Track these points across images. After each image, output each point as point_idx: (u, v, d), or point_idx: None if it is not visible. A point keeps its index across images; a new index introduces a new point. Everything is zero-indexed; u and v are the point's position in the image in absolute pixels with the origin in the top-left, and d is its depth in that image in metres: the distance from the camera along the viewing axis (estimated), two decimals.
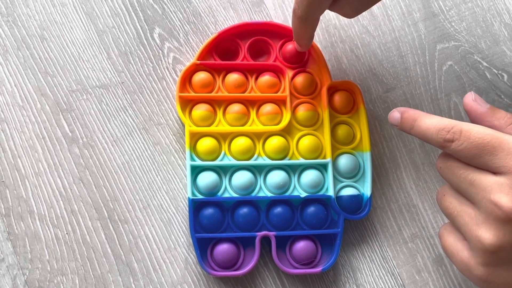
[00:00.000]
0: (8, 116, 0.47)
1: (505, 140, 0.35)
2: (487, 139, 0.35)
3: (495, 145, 0.35)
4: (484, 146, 0.35)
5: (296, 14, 0.43)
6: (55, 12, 0.49)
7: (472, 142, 0.35)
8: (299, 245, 0.46)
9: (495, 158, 0.35)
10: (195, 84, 0.47)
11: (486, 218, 0.35)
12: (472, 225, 0.36)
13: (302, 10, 0.42)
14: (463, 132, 0.36)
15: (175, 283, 0.46)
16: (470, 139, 0.35)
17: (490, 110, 0.38)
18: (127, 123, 0.48)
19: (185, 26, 0.50)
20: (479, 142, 0.35)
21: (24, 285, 0.44)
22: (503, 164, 0.34)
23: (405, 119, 0.40)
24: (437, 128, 0.37)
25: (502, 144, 0.35)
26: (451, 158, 0.38)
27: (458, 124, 0.36)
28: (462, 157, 0.36)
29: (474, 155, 0.35)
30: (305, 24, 0.43)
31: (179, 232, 0.46)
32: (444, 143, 0.36)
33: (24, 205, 0.45)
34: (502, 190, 0.34)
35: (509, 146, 0.35)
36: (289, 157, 0.47)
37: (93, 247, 0.45)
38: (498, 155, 0.35)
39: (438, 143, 0.37)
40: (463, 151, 0.36)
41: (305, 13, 0.42)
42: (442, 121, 0.37)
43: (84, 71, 0.48)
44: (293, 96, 0.49)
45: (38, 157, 0.46)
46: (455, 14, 0.53)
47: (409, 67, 0.52)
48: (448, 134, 0.36)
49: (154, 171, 0.47)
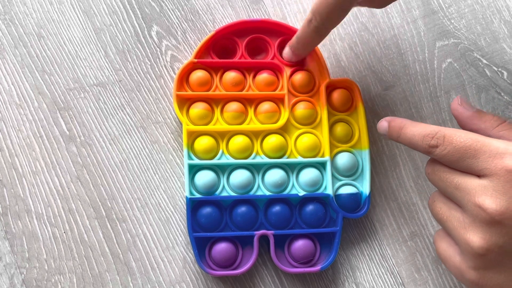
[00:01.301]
0: (5, 114, 0.46)
1: (486, 143, 0.35)
2: (469, 142, 0.36)
3: (476, 148, 0.35)
4: (466, 149, 0.36)
5: (311, 26, 0.43)
6: (52, 10, 0.49)
7: (455, 146, 0.36)
8: (298, 244, 0.46)
9: (478, 161, 0.35)
10: (193, 82, 0.47)
11: (473, 221, 0.35)
12: (460, 229, 0.36)
13: (319, 22, 0.42)
14: (446, 137, 0.37)
15: (173, 282, 0.45)
16: (453, 143, 0.36)
17: (476, 113, 0.39)
18: (125, 121, 0.47)
19: (183, 24, 0.50)
20: (462, 145, 0.36)
21: (21, 284, 0.44)
22: (485, 166, 0.35)
23: (392, 127, 0.42)
24: (422, 135, 0.38)
25: (483, 147, 0.35)
26: (438, 163, 0.39)
27: (442, 129, 0.37)
28: (446, 162, 0.37)
29: (458, 159, 0.36)
30: (319, 35, 0.44)
31: (177, 231, 0.46)
32: (429, 148, 0.38)
33: (21, 204, 0.45)
34: (486, 193, 0.35)
35: (490, 149, 0.35)
36: (287, 155, 0.47)
37: (91, 246, 0.45)
38: (480, 158, 0.35)
39: (424, 149, 0.38)
40: (447, 156, 0.37)
41: (322, 25, 0.42)
42: (427, 128, 0.38)
43: (81, 69, 0.48)
44: (291, 94, 0.48)
45: (35, 156, 0.46)
46: (454, 11, 0.53)
47: (409, 65, 0.52)
48: (433, 140, 0.37)
49: (152, 170, 0.47)
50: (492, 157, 0.35)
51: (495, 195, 0.34)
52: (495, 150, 0.35)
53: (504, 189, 0.34)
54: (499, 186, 0.34)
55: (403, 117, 0.50)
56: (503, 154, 0.35)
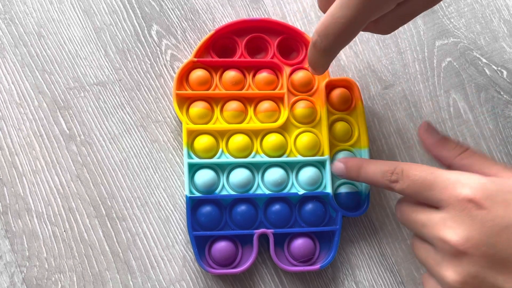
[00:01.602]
0: (5, 113, 0.47)
1: (439, 175, 0.36)
2: (424, 175, 0.37)
3: (431, 180, 0.36)
4: (422, 182, 0.36)
5: (317, 47, 0.39)
6: (52, 9, 0.49)
7: (412, 180, 0.37)
8: (297, 242, 0.46)
9: (434, 193, 0.36)
10: (192, 81, 0.47)
11: (443, 257, 0.35)
12: (435, 267, 0.36)
13: (326, 44, 0.38)
14: (404, 171, 0.38)
15: (173, 280, 0.46)
16: (410, 177, 0.37)
17: (440, 141, 0.40)
18: (125, 120, 0.48)
19: (182, 23, 0.50)
20: (417, 179, 0.37)
21: (22, 283, 0.44)
22: (441, 198, 0.36)
23: (350, 168, 0.43)
24: (382, 171, 0.39)
25: (437, 178, 0.36)
26: (404, 205, 0.39)
27: (400, 164, 0.38)
28: (408, 195, 0.38)
29: (417, 192, 0.37)
30: (327, 56, 0.40)
31: (177, 230, 0.46)
32: (390, 184, 0.38)
33: (21, 203, 0.45)
34: (446, 225, 0.35)
35: (443, 180, 0.36)
36: (287, 154, 0.47)
37: (91, 244, 0.45)
38: (436, 190, 0.36)
39: (385, 185, 0.39)
40: (407, 190, 0.37)
41: (329, 47, 0.39)
42: (385, 164, 0.40)
43: (81, 69, 0.48)
44: (290, 93, 0.49)
45: (35, 155, 0.46)
46: (454, 11, 0.53)
47: (408, 64, 0.52)
48: (392, 175, 0.38)
49: (152, 169, 0.47)
50: (445, 188, 0.35)
51: (454, 226, 0.35)
52: (447, 181, 0.36)
53: (461, 219, 0.35)
54: (456, 216, 0.35)
55: (403, 116, 0.51)
56: (454, 184, 0.35)
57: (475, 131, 0.51)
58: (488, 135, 0.51)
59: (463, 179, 0.35)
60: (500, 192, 0.35)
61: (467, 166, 0.38)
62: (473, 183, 0.35)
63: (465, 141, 0.51)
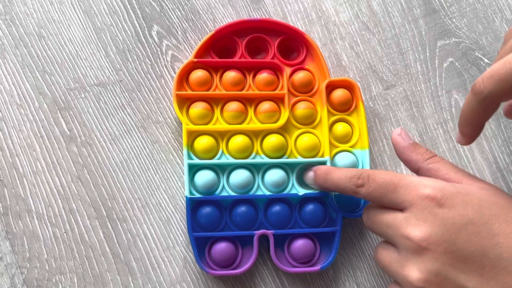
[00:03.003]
0: (6, 114, 0.47)
1: (403, 177, 0.38)
2: (388, 178, 0.38)
3: (395, 182, 0.38)
4: (387, 185, 0.38)
5: (475, 90, 0.36)
6: (52, 10, 0.49)
7: (378, 183, 0.38)
8: (298, 243, 0.46)
9: (398, 194, 0.37)
10: (193, 82, 0.47)
11: (405, 256, 0.36)
12: (398, 268, 0.37)
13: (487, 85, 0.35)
14: (370, 176, 0.39)
15: (173, 282, 0.45)
16: (375, 181, 0.39)
17: (411, 145, 0.41)
18: (125, 121, 0.48)
19: (183, 23, 0.50)
20: (383, 182, 0.38)
21: (22, 284, 0.44)
22: (405, 198, 0.37)
23: (317, 175, 0.45)
24: (348, 177, 0.41)
25: (401, 181, 0.38)
26: (370, 209, 0.41)
27: (365, 171, 0.40)
28: (373, 199, 0.39)
29: (381, 194, 0.38)
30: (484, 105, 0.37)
31: (178, 231, 0.46)
32: (356, 188, 0.40)
33: (22, 204, 0.45)
34: (409, 223, 0.36)
35: (406, 182, 0.37)
36: (287, 155, 0.47)
37: (92, 246, 0.45)
38: (399, 192, 0.37)
39: (351, 189, 0.40)
40: (372, 193, 0.39)
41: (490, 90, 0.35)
42: (351, 171, 0.41)
43: (82, 69, 0.48)
44: (291, 93, 0.48)
45: (36, 156, 0.46)
46: (456, 10, 0.53)
47: (410, 64, 0.52)
48: (359, 180, 0.40)
49: (152, 170, 0.47)
50: (409, 189, 0.37)
51: (417, 223, 0.36)
52: (410, 184, 0.37)
53: (424, 216, 0.36)
54: (419, 214, 0.36)
55: (405, 116, 0.50)
56: (417, 185, 0.37)
57: None
58: (490, 136, 0.51)
59: (425, 181, 0.37)
60: (459, 194, 0.36)
61: (434, 170, 0.40)
62: (434, 184, 0.37)
63: None
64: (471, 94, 0.37)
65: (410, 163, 0.41)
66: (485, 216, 0.35)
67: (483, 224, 0.35)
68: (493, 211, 0.36)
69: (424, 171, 0.40)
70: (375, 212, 0.40)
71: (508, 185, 0.50)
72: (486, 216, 0.35)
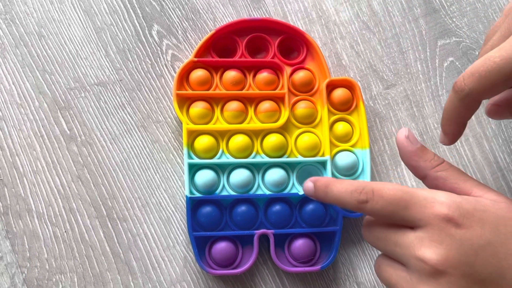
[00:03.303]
0: (6, 114, 0.47)
1: (416, 194, 0.35)
2: (399, 194, 0.35)
3: (407, 199, 0.35)
4: (398, 202, 0.35)
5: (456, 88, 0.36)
6: (53, 9, 0.49)
7: (386, 200, 0.35)
8: (298, 243, 0.46)
9: (410, 212, 0.35)
10: (193, 81, 0.47)
11: (419, 277, 0.34)
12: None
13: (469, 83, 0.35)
14: (375, 191, 0.36)
15: (174, 281, 0.45)
16: (383, 197, 0.35)
17: (419, 150, 0.38)
18: (126, 120, 0.48)
19: (183, 23, 0.50)
20: (393, 198, 0.35)
21: (22, 283, 0.44)
22: (419, 217, 0.34)
23: (317, 187, 0.41)
24: (349, 191, 0.37)
25: (413, 197, 0.35)
26: (373, 223, 0.38)
27: (369, 184, 0.37)
28: (381, 217, 0.37)
29: (391, 212, 0.35)
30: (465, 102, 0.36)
31: (178, 230, 0.46)
32: (359, 204, 0.36)
33: (22, 203, 0.45)
34: (424, 244, 0.34)
35: (420, 199, 0.35)
36: (288, 154, 0.47)
37: (92, 245, 0.45)
38: (412, 209, 0.35)
39: (354, 205, 0.37)
40: (380, 210, 0.36)
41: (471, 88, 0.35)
42: (353, 183, 0.38)
43: (82, 69, 0.48)
44: (291, 93, 0.48)
45: (36, 155, 0.46)
46: (456, 10, 0.53)
47: (410, 63, 0.52)
48: (361, 195, 0.36)
49: (152, 169, 0.47)
50: (423, 207, 0.35)
51: (433, 245, 0.34)
52: (424, 200, 0.35)
53: (440, 238, 0.34)
54: (435, 235, 0.34)
55: (405, 116, 0.50)
56: (432, 203, 0.35)
57: (478, 131, 0.51)
58: (491, 135, 0.51)
59: (439, 197, 0.35)
60: (475, 211, 0.34)
61: (442, 178, 0.38)
62: (450, 202, 0.34)
63: (467, 141, 0.51)
64: (452, 92, 0.37)
65: (417, 169, 0.39)
66: (501, 235, 0.34)
67: (501, 244, 0.34)
68: (509, 229, 0.34)
69: (431, 179, 0.38)
70: (380, 228, 0.37)
71: (508, 184, 0.50)
72: (503, 235, 0.34)
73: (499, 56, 0.34)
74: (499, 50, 0.34)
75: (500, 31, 0.37)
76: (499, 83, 0.34)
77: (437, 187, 0.38)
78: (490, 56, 0.34)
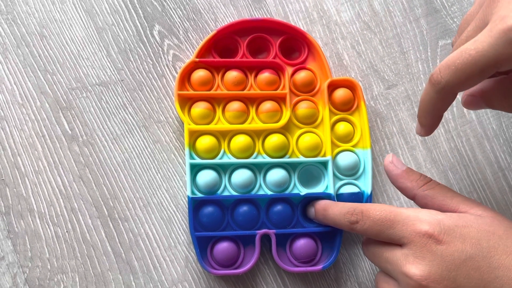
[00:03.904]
0: (7, 114, 0.47)
1: (400, 213, 0.37)
2: (384, 214, 0.38)
3: (391, 218, 0.37)
4: (383, 221, 0.38)
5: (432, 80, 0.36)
6: (54, 9, 0.49)
7: (373, 220, 0.38)
8: (300, 243, 0.46)
9: (395, 230, 0.37)
10: (194, 82, 0.47)
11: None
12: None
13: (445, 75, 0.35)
14: (363, 212, 0.39)
15: (175, 281, 0.46)
16: (370, 217, 0.38)
17: (405, 172, 0.41)
18: (127, 121, 0.48)
19: (184, 23, 0.50)
20: (378, 218, 0.38)
21: (24, 283, 0.44)
22: (402, 235, 0.37)
23: (317, 211, 0.45)
24: (342, 213, 0.40)
25: (397, 216, 0.37)
26: (370, 240, 0.40)
27: (359, 206, 0.40)
28: (370, 235, 0.39)
29: (378, 231, 0.38)
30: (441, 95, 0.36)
31: (180, 230, 0.46)
32: (351, 225, 0.40)
33: (24, 203, 0.45)
34: (408, 261, 0.36)
35: (403, 217, 0.37)
36: (289, 155, 0.47)
37: (93, 245, 0.45)
38: (397, 228, 0.37)
39: (347, 226, 0.40)
40: (368, 230, 0.38)
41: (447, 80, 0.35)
42: (345, 206, 0.41)
43: (83, 69, 0.48)
44: (292, 93, 0.48)
45: (38, 155, 0.46)
46: (457, 10, 0.53)
47: (411, 64, 0.52)
48: (352, 217, 0.39)
49: (154, 169, 0.47)
50: (406, 226, 0.37)
51: (416, 261, 0.36)
52: (407, 219, 0.37)
53: (422, 254, 0.36)
54: (417, 252, 0.36)
55: (406, 116, 0.50)
56: (414, 221, 0.37)
57: (479, 131, 0.51)
58: (492, 135, 0.51)
59: (422, 215, 0.37)
60: (457, 227, 0.36)
61: (430, 197, 0.40)
62: (431, 219, 0.36)
63: (469, 141, 0.51)
64: (428, 84, 0.37)
65: (405, 190, 0.41)
66: (484, 249, 0.35)
67: (482, 258, 0.35)
68: (491, 243, 0.35)
69: (420, 198, 0.40)
70: (374, 245, 0.40)
71: (509, 184, 0.50)
72: (485, 249, 0.35)
73: (475, 49, 0.34)
74: (474, 43, 0.34)
75: (474, 22, 0.36)
76: (474, 76, 0.34)
77: (426, 205, 0.40)
78: (465, 48, 0.34)
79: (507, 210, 0.50)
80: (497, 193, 0.50)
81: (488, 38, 0.33)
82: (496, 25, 0.33)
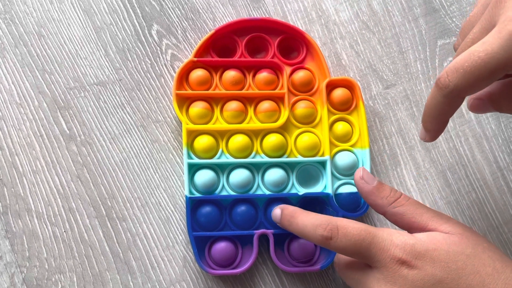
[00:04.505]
0: (5, 113, 0.47)
1: (377, 236, 0.37)
2: (363, 235, 0.37)
3: (369, 240, 0.37)
4: (360, 243, 0.37)
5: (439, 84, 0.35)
6: (52, 9, 0.49)
7: (350, 240, 0.37)
8: (297, 243, 0.46)
9: (370, 254, 0.37)
10: (192, 81, 0.47)
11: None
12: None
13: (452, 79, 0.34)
14: (339, 228, 0.37)
15: (173, 281, 0.45)
16: (347, 236, 0.37)
17: (375, 189, 0.40)
18: (125, 120, 0.47)
19: (183, 22, 0.50)
20: (357, 239, 0.37)
21: (22, 283, 0.44)
22: (377, 259, 0.37)
23: (284, 215, 0.42)
24: (314, 225, 0.38)
25: (374, 239, 0.37)
26: (341, 258, 0.40)
27: (334, 220, 0.38)
28: (343, 253, 0.38)
29: (353, 252, 0.37)
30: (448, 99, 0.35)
31: (178, 230, 0.46)
32: (323, 240, 0.38)
33: (21, 203, 0.45)
34: (380, 285, 0.36)
35: (379, 241, 0.37)
36: (287, 154, 0.47)
37: (91, 245, 0.45)
38: (372, 251, 0.37)
39: (318, 240, 0.38)
40: (343, 249, 0.37)
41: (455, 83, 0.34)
42: (318, 218, 0.39)
43: (81, 68, 0.48)
44: (291, 93, 0.48)
45: (35, 155, 0.46)
46: (456, 10, 0.53)
47: (410, 63, 0.52)
48: (326, 231, 0.38)
49: (152, 169, 0.47)
50: (381, 250, 0.36)
51: (388, 285, 0.36)
52: (383, 243, 0.37)
53: (393, 279, 0.36)
54: (389, 276, 0.36)
55: (405, 115, 0.50)
56: (389, 246, 0.37)
57: (477, 131, 0.51)
58: (490, 135, 0.51)
59: (396, 239, 0.37)
60: (427, 251, 0.36)
61: (399, 214, 0.39)
62: (404, 245, 0.36)
63: (467, 141, 0.51)
64: (435, 88, 0.36)
65: (376, 207, 0.40)
66: (452, 272, 0.36)
67: (451, 280, 0.35)
68: (459, 264, 0.36)
69: (390, 216, 0.40)
70: (345, 263, 0.40)
71: (508, 184, 0.50)
72: (453, 271, 0.36)
73: (484, 51, 0.33)
74: (483, 44, 0.33)
75: (480, 23, 0.36)
76: (484, 78, 0.33)
77: (396, 222, 0.40)
78: (474, 50, 0.33)
79: (505, 210, 0.50)
80: (496, 192, 0.50)
81: (497, 39, 0.33)
82: (505, 26, 0.33)
